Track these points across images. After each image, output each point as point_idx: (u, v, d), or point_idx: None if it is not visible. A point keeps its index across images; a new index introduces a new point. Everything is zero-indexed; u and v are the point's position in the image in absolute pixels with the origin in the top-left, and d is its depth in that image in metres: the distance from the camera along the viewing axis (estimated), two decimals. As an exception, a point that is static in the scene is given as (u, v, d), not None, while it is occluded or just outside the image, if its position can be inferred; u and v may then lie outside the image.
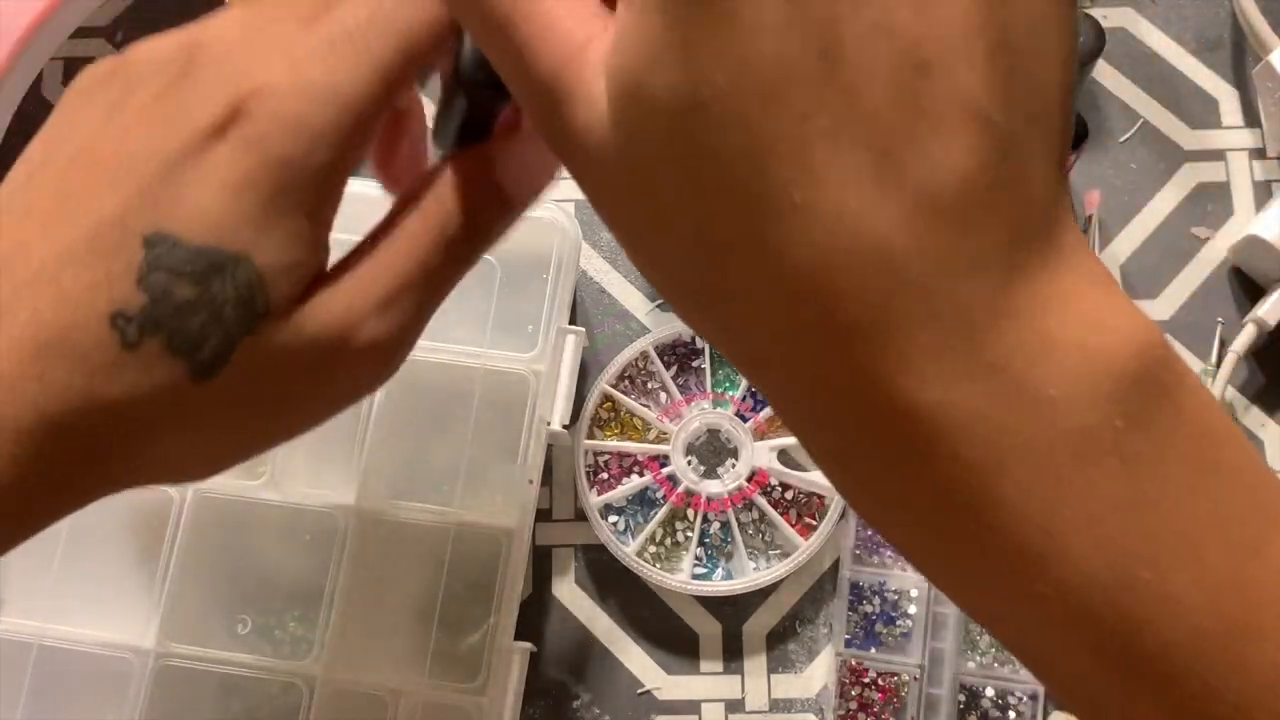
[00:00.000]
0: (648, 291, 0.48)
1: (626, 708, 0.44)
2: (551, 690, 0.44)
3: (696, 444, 0.45)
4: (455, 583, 0.42)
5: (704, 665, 0.44)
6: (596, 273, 0.48)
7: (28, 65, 0.46)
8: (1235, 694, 0.20)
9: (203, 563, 0.42)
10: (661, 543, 0.44)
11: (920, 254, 0.19)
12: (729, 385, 0.46)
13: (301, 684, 0.40)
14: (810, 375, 0.21)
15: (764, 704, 0.44)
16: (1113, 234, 0.48)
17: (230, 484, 0.42)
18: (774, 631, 0.44)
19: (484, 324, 0.44)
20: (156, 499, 0.42)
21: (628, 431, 0.45)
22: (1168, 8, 0.50)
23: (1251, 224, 0.46)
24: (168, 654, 0.41)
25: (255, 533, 0.42)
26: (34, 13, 0.45)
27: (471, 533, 0.42)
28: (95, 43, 0.51)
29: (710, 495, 0.44)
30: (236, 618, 0.42)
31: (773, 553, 0.44)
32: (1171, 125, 0.49)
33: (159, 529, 0.42)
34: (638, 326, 0.47)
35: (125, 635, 0.41)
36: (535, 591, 0.45)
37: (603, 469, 0.45)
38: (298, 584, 0.42)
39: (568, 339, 0.44)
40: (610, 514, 0.45)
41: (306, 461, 0.43)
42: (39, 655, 0.41)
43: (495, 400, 0.43)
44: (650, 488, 0.45)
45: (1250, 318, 0.45)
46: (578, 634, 0.45)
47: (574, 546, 0.45)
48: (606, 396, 0.45)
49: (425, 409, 0.43)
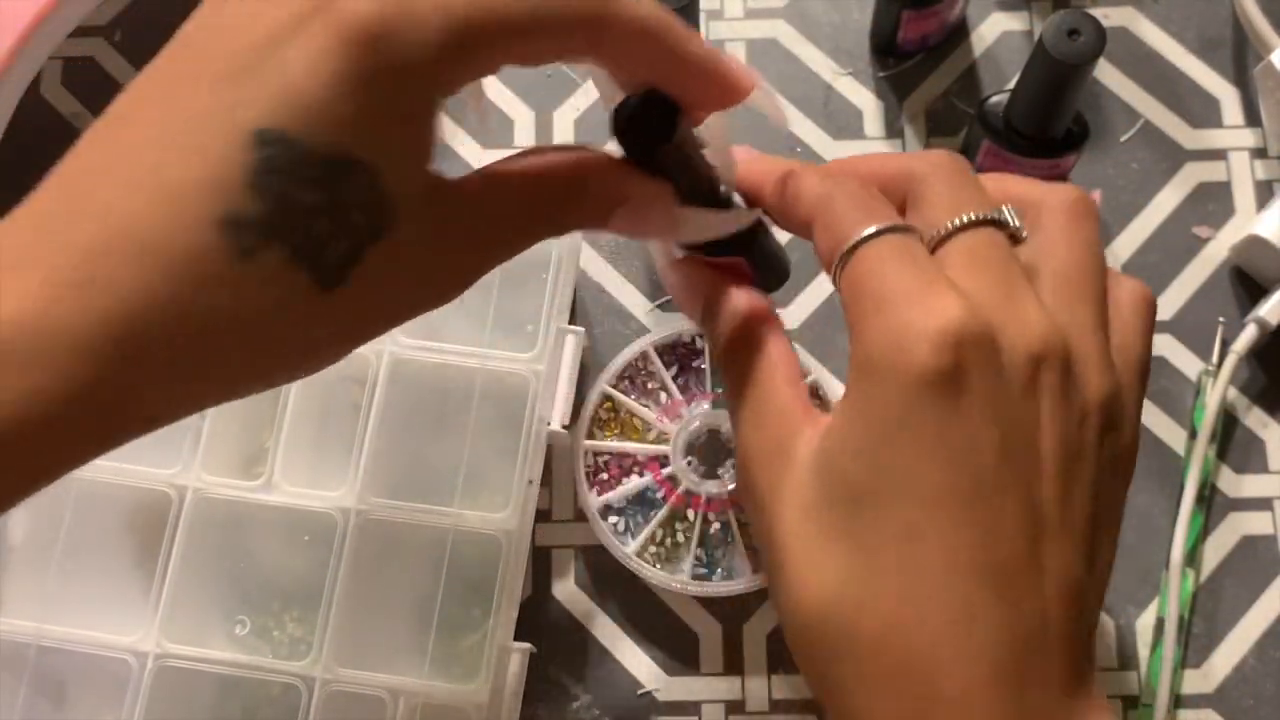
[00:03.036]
0: (648, 291, 0.48)
1: (626, 708, 0.44)
2: (551, 690, 0.44)
3: (696, 444, 0.45)
4: (455, 583, 0.42)
5: (704, 666, 0.44)
6: (596, 273, 0.48)
7: (27, 64, 0.46)
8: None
9: (202, 563, 0.42)
10: (661, 543, 0.44)
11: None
12: (729, 385, 0.46)
13: (301, 684, 0.40)
14: None
15: (764, 704, 0.43)
16: (1114, 233, 0.48)
17: (230, 484, 0.42)
18: (774, 632, 0.44)
19: (484, 324, 0.44)
20: (156, 499, 0.42)
21: (627, 432, 0.45)
22: (1169, 7, 0.50)
23: (1253, 223, 0.46)
24: (166, 654, 0.41)
25: (254, 533, 0.42)
26: (33, 12, 0.45)
27: (471, 533, 0.42)
28: (94, 42, 0.51)
29: (710, 495, 0.44)
30: (235, 618, 0.42)
31: (773, 553, 0.44)
32: (1173, 125, 0.49)
33: (158, 529, 0.42)
34: (638, 326, 0.47)
35: (124, 636, 0.41)
36: (535, 591, 0.45)
37: (602, 469, 0.45)
38: (297, 584, 0.42)
39: (568, 339, 0.44)
40: (610, 514, 0.45)
41: (306, 462, 0.43)
42: (38, 655, 0.41)
43: (495, 400, 0.43)
44: (650, 488, 0.45)
45: (1251, 317, 0.45)
46: (578, 634, 0.44)
47: (574, 547, 0.45)
48: (606, 396, 0.45)
49: (425, 409, 0.43)
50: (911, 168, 0.31)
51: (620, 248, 0.48)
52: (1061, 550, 0.27)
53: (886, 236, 0.29)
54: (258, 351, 0.24)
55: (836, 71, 0.50)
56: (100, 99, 0.50)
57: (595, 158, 0.29)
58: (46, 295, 0.22)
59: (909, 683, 0.26)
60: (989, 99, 0.45)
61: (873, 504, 0.27)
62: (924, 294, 0.27)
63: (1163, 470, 0.45)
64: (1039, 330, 0.28)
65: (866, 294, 0.28)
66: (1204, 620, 0.44)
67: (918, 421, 0.27)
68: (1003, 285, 0.29)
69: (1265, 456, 0.45)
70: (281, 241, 0.23)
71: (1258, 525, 0.45)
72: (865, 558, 0.27)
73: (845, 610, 0.27)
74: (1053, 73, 0.41)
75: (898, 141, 0.49)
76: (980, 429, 0.27)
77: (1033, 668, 0.26)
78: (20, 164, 0.26)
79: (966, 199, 0.30)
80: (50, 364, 0.22)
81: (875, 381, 0.28)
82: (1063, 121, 0.43)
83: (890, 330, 0.27)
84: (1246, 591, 0.44)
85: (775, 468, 0.30)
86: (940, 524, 0.27)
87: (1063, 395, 0.28)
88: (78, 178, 0.24)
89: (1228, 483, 0.45)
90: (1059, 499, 0.28)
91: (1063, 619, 0.27)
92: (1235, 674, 0.43)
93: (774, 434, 0.30)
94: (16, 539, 0.42)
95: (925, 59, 0.50)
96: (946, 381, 0.27)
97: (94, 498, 0.42)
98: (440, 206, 0.26)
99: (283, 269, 0.24)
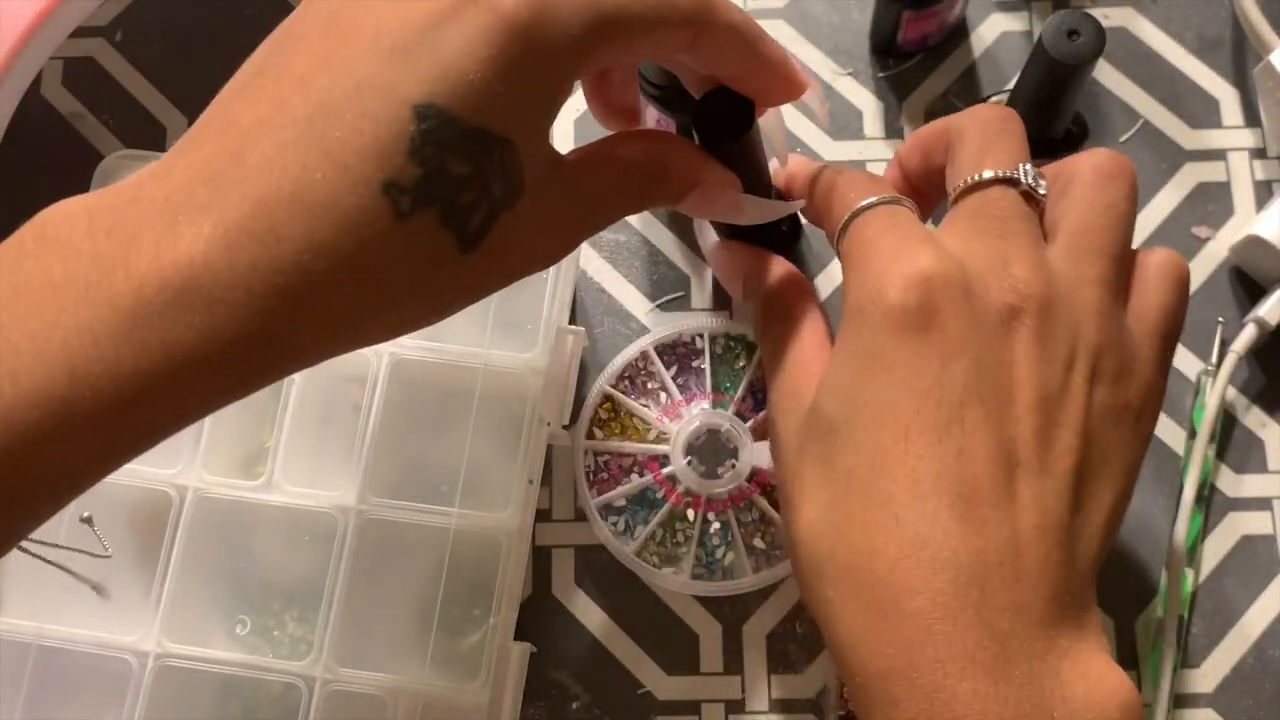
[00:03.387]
0: (648, 291, 0.48)
1: (626, 708, 0.44)
2: (551, 690, 0.44)
3: (696, 444, 0.45)
4: (455, 583, 0.42)
5: (704, 666, 0.44)
6: (596, 273, 0.48)
7: (27, 64, 0.46)
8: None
9: (202, 563, 0.42)
10: (661, 543, 0.44)
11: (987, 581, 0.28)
12: (729, 385, 0.46)
13: (301, 684, 0.40)
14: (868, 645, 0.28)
15: (764, 704, 0.43)
16: (1113, 234, 0.48)
17: (230, 484, 0.42)
18: (774, 631, 0.44)
19: (484, 324, 0.44)
20: (157, 499, 0.42)
21: (628, 431, 0.45)
22: (1168, 7, 0.50)
23: (1252, 224, 0.46)
24: (167, 654, 0.41)
25: (255, 533, 0.42)
26: (34, 12, 0.45)
27: (471, 533, 0.42)
28: (95, 42, 0.51)
29: (710, 495, 0.44)
30: (236, 618, 0.42)
31: (773, 553, 0.44)
32: (1172, 125, 0.49)
33: (159, 529, 0.42)
34: (638, 326, 0.47)
35: (125, 635, 0.41)
36: (535, 591, 0.45)
37: (602, 469, 0.45)
38: (297, 584, 0.42)
39: (568, 339, 0.44)
40: (610, 514, 0.45)
41: (306, 462, 0.43)
42: (38, 655, 0.41)
43: (495, 400, 0.43)
44: (650, 488, 0.45)
45: (1251, 317, 0.45)
46: (578, 634, 0.44)
47: (574, 546, 0.45)
48: (606, 396, 0.45)
49: (425, 409, 0.43)
50: (955, 124, 0.35)
51: (620, 248, 0.48)
52: (1039, 487, 0.29)
53: (879, 208, 0.33)
54: (401, 303, 0.27)
55: (836, 72, 0.50)
56: (100, 99, 0.51)
57: (679, 146, 0.33)
58: (225, 241, 0.24)
59: (876, 602, 0.28)
60: (989, 99, 0.45)
61: (847, 434, 0.30)
62: (903, 248, 0.31)
63: (1162, 470, 0.45)
64: (1019, 279, 0.30)
65: (857, 254, 0.32)
66: (1203, 620, 0.44)
67: (890, 356, 0.29)
68: (995, 240, 0.31)
69: (1264, 456, 0.45)
70: (434, 206, 0.26)
71: (1257, 525, 0.45)
72: (840, 486, 0.30)
73: (825, 537, 0.30)
74: (1052, 73, 0.41)
75: (897, 142, 0.49)
76: (949, 364, 0.29)
77: (998, 592, 0.27)
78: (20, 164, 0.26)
79: (992, 156, 0.33)
80: (229, 306, 0.24)
81: (856, 324, 0.31)
82: (1062, 122, 0.43)
83: (870, 278, 0.31)
84: (1246, 591, 0.44)
85: (789, 412, 0.33)
86: (906, 452, 0.28)
87: (1039, 339, 0.30)
88: (238, 131, 0.26)
89: (1227, 482, 0.45)
90: (1036, 438, 0.29)
91: (1039, 552, 0.28)
92: (1234, 674, 0.43)
93: (793, 384, 0.34)
94: (17, 539, 0.42)
95: (925, 59, 0.50)
96: (915, 317, 0.29)
97: (94, 497, 0.42)
98: (555, 183, 0.29)
99: (434, 232, 0.26)
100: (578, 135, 0.50)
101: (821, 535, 0.30)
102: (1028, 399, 0.29)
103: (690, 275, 0.48)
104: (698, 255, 0.48)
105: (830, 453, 0.30)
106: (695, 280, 0.48)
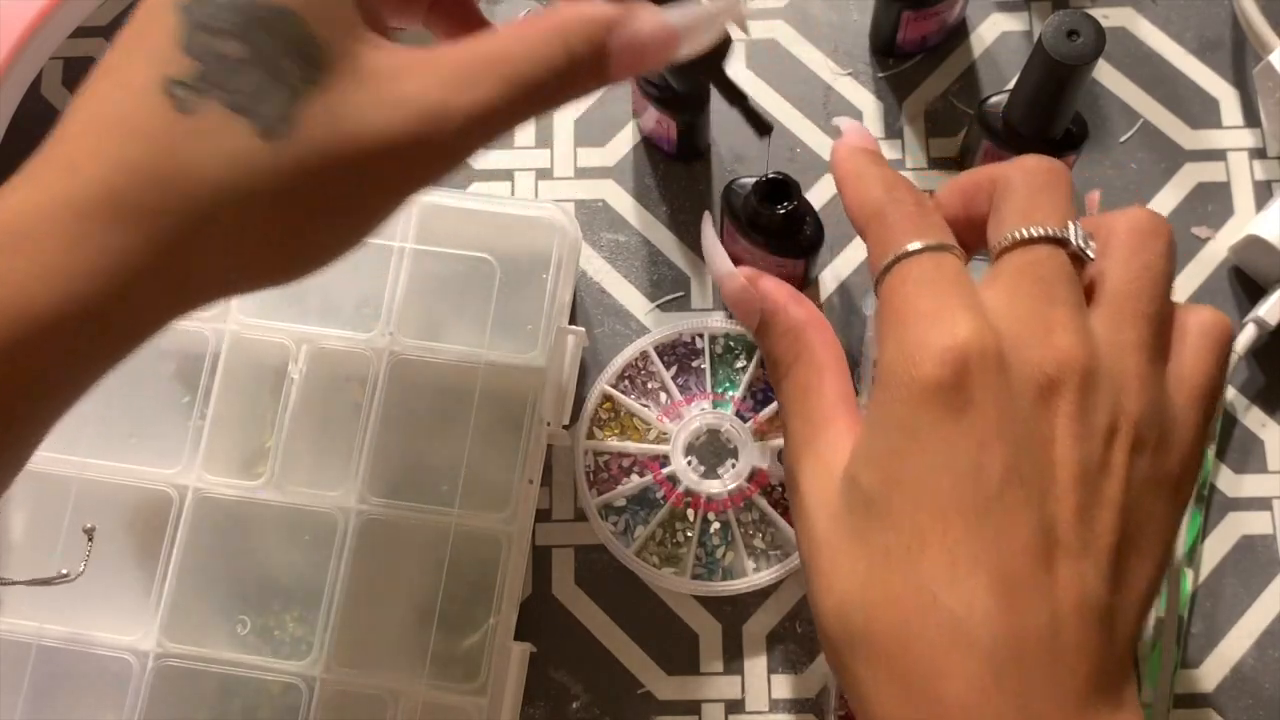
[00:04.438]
0: (648, 291, 0.48)
1: (626, 708, 0.44)
2: (551, 690, 0.44)
3: (696, 444, 0.45)
4: (455, 583, 0.42)
5: (704, 665, 0.44)
6: (596, 273, 0.48)
7: (27, 64, 0.46)
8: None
9: (203, 563, 0.42)
10: (661, 543, 0.44)
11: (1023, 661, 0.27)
12: (729, 385, 0.46)
13: (301, 684, 0.40)
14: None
15: (764, 704, 0.44)
16: (1113, 234, 0.48)
17: (230, 484, 0.42)
18: (774, 631, 0.44)
19: (484, 324, 0.44)
20: (157, 499, 0.42)
21: (628, 431, 0.45)
22: (1168, 7, 0.50)
23: (1252, 224, 0.46)
24: (167, 654, 0.41)
25: (255, 533, 0.42)
26: (34, 12, 0.45)
27: (471, 533, 0.42)
28: (95, 42, 0.51)
29: (710, 495, 0.44)
30: (236, 618, 0.42)
31: (773, 553, 0.44)
32: (1172, 125, 0.49)
33: (159, 529, 0.42)
34: (638, 326, 0.47)
35: (125, 635, 0.41)
36: (535, 591, 0.45)
37: (602, 469, 0.45)
38: (297, 584, 0.42)
39: (568, 339, 0.44)
40: (610, 514, 0.45)
41: (306, 462, 0.43)
42: (39, 655, 0.41)
43: (495, 400, 0.43)
44: (650, 488, 0.45)
45: (1250, 317, 0.45)
46: (578, 634, 0.44)
47: (574, 546, 0.45)
48: (606, 396, 0.45)
49: (425, 409, 0.43)
50: (1000, 173, 0.32)
51: (620, 248, 0.48)
52: (1079, 567, 0.28)
53: (925, 255, 0.30)
54: (221, 214, 0.25)
55: (836, 72, 0.50)
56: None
57: (572, 9, 0.29)
58: (47, 179, 0.25)
59: (914, 685, 0.27)
60: (988, 99, 0.45)
61: (885, 511, 0.28)
62: (941, 313, 0.29)
63: (1162, 470, 0.45)
64: (1060, 349, 0.29)
65: (894, 309, 0.30)
66: (1203, 620, 0.44)
67: (925, 435, 0.28)
68: (1038, 304, 0.29)
69: (1264, 456, 0.45)
70: (215, 94, 0.25)
71: (1257, 525, 0.45)
72: (878, 563, 0.28)
73: (860, 613, 0.28)
74: (1052, 73, 0.41)
75: (897, 142, 0.49)
76: (986, 443, 0.28)
77: (1038, 676, 0.27)
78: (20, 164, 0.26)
79: (1041, 211, 0.31)
80: (58, 236, 0.24)
81: (889, 393, 0.29)
82: (1062, 122, 0.43)
83: (904, 344, 0.29)
84: (1245, 591, 0.44)
85: (818, 477, 0.31)
86: (945, 534, 0.27)
87: (1080, 413, 0.28)
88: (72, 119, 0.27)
89: (1227, 482, 0.45)
90: (1076, 517, 0.28)
91: (1078, 632, 0.27)
92: (1234, 674, 0.43)
93: (818, 445, 0.32)
94: (16, 539, 0.42)
95: (925, 59, 0.50)
96: (950, 395, 0.28)
97: (94, 498, 0.42)
98: (390, 50, 0.27)
99: (223, 120, 0.25)
100: (578, 135, 0.50)
101: (855, 610, 0.29)
102: (1068, 477, 0.28)
103: (690, 275, 0.48)
104: (698, 255, 0.48)
105: (866, 527, 0.29)
106: (695, 280, 0.48)
